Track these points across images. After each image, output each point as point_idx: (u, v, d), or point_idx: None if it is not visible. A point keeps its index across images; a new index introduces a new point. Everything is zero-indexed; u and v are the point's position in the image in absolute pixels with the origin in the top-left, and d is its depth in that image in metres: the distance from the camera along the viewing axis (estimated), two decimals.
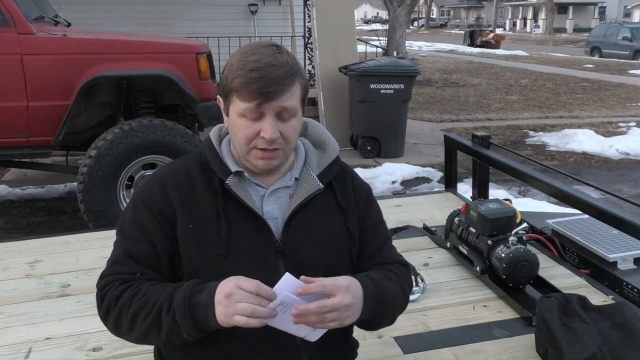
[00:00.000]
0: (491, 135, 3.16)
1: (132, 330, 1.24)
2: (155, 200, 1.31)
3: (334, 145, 1.44)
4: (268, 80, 1.21)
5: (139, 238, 1.30)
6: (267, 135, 1.23)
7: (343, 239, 1.37)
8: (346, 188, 1.41)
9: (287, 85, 1.23)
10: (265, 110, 1.23)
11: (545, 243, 2.54)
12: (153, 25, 8.08)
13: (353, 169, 1.51)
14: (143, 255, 1.29)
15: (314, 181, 1.36)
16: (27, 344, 1.84)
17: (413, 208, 3.12)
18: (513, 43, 33.12)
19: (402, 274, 1.42)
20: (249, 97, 1.22)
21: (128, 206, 1.37)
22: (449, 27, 64.10)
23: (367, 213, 1.43)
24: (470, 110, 10.58)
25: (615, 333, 1.66)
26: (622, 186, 6.16)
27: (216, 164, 1.33)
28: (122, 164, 4.21)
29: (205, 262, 1.27)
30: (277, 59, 1.24)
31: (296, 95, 1.26)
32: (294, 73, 1.25)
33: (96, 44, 4.42)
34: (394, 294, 1.35)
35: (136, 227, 1.31)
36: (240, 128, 1.26)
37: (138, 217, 1.31)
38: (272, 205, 1.33)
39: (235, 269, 1.24)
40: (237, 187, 1.31)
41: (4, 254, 2.57)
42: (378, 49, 12.08)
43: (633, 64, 19.82)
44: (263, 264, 1.28)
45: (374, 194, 1.50)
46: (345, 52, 7.32)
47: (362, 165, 6.48)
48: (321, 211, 1.35)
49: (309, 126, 1.48)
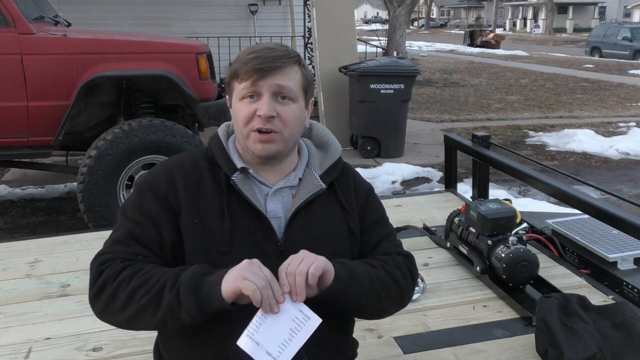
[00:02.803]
0: (491, 135, 3.16)
1: (126, 307, 1.19)
2: (161, 187, 1.30)
3: (336, 146, 1.45)
4: (264, 58, 1.25)
5: (142, 222, 1.28)
6: (262, 112, 1.25)
7: (345, 239, 1.37)
8: (348, 188, 1.42)
9: (282, 64, 1.26)
10: (262, 88, 1.25)
11: (545, 243, 2.54)
12: (153, 25, 8.08)
13: (355, 168, 1.51)
14: (147, 238, 1.27)
15: (316, 181, 1.36)
16: (27, 344, 1.84)
17: (413, 208, 3.12)
18: (513, 43, 33.12)
19: (394, 262, 1.38)
20: (247, 75, 1.26)
21: (132, 193, 1.35)
22: (449, 27, 64.09)
23: (368, 211, 1.44)
24: (470, 110, 10.58)
25: (615, 333, 1.66)
26: (622, 186, 6.16)
27: (222, 160, 1.34)
28: (122, 164, 4.20)
29: (207, 257, 1.26)
30: (277, 46, 1.30)
31: (294, 78, 1.28)
32: (292, 57, 1.29)
33: (96, 44, 4.42)
34: (372, 275, 1.31)
35: (140, 211, 1.29)
36: (239, 110, 1.28)
37: (143, 202, 1.30)
38: (275, 205, 1.33)
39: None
40: (243, 184, 1.31)
41: (4, 254, 2.57)
42: (378, 49, 12.08)
43: (633, 64, 19.81)
44: (264, 263, 1.27)
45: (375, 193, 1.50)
46: (345, 52, 7.32)
47: (362, 165, 6.48)
48: (323, 211, 1.36)
49: (314, 128, 1.48)
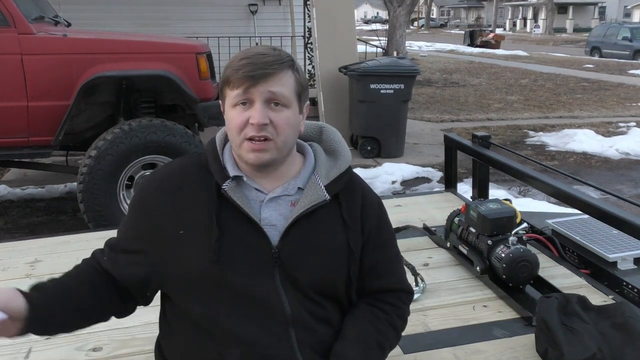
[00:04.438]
0: (491, 135, 3.16)
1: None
2: (149, 202, 1.33)
3: (346, 156, 1.39)
4: (255, 65, 1.23)
5: (127, 234, 1.37)
6: (254, 120, 1.22)
7: (342, 254, 1.33)
8: (354, 203, 1.37)
9: (275, 70, 1.23)
10: (254, 95, 1.23)
11: (545, 243, 2.54)
12: (153, 25, 8.07)
13: (362, 179, 1.46)
14: (122, 246, 1.36)
15: (320, 191, 1.32)
16: (27, 344, 1.84)
17: (413, 208, 3.12)
18: (513, 43, 33.11)
19: (402, 306, 1.42)
20: (238, 83, 1.23)
21: (130, 203, 1.43)
22: (449, 27, 64.08)
23: (380, 232, 1.40)
24: (470, 110, 10.58)
25: (615, 333, 1.66)
26: (622, 186, 6.16)
27: (215, 167, 1.32)
28: (122, 164, 4.20)
29: (197, 269, 1.26)
30: (269, 51, 1.27)
31: (287, 84, 1.25)
32: (285, 62, 1.26)
33: (96, 44, 4.42)
34: (383, 344, 1.35)
35: (128, 227, 1.37)
36: (232, 118, 1.26)
37: (130, 218, 1.37)
38: (270, 212, 1.30)
39: (229, 276, 1.24)
40: (234, 191, 1.29)
41: (4, 254, 2.57)
42: (378, 49, 12.07)
43: (633, 64, 19.81)
44: (257, 271, 1.27)
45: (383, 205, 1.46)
46: (345, 52, 7.31)
47: (362, 165, 6.48)
48: (324, 223, 1.32)
49: (324, 131, 1.44)
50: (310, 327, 1.29)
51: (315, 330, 1.29)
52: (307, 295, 1.29)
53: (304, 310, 1.28)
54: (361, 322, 1.34)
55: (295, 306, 1.27)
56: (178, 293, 1.32)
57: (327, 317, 1.33)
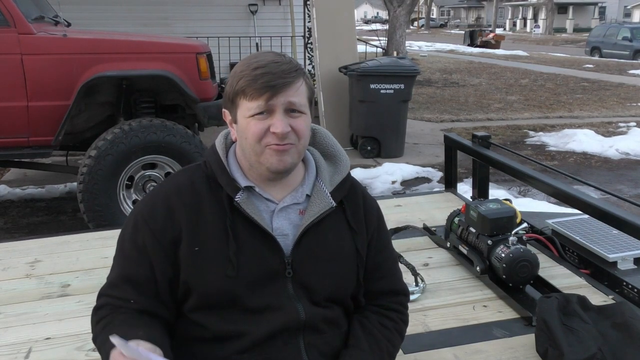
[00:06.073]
0: (491, 135, 3.16)
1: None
2: (158, 220, 1.27)
3: (345, 160, 1.41)
4: (273, 74, 1.22)
5: (138, 259, 1.27)
6: (278, 129, 1.21)
7: (352, 259, 1.35)
8: (357, 207, 1.39)
9: (293, 79, 1.24)
10: (275, 105, 1.22)
11: (545, 243, 2.54)
12: (153, 25, 8.08)
13: (358, 180, 1.49)
14: (140, 278, 1.26)
15: (327, 199, 1.33)
16: (27, 344, 1.84)
17: (413, 208, 3.12)
18: (513, 43, 33.11)
19: (405, 312, 1.46)
20: (257, 93, 1.22)
21: (129, 222, 1.31)
22: (449, 27, 64.09)
23: (380, 234, 1.43)
24: (470, 110, 10.58)
25: (615, 333, 1.66)
26: (622, 186, 6.16)
27: (224, 180, 1.29)
28: (122, 164, 4.20)
29: (213, 284, 1.24)
30: (280, 58, 1.26)
31: (302, 92, 1.26)
32: (298, 70, 1.26)
33: (96, 44, 4.42)
34: (393, 354, 1.39)
35: (135, 246, 1.27)
36: (250, 128, 1.24)
37: (138, 237, 1.28)
38: (282, 222, 1.30)
39: (243, 289, 1.24)
40: (246, 203, 1.27)
41: (4, 254, 2.57)
42: (378, 49, 12.08)
43: (633, 64, 19.81)
44: (271, 282, 1.27)
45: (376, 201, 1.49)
46: (345, 52, 7.32)
47: (362, 165, 6.48)
48: (332, 230, 1.33)
49: (317, 134, 1.44)
50: (320, 330, 1.30)
51: (324, 332, 1.31)
52: (320, 301, 1.31)
53: (317, 316, 1.29)
54: (374, 333, 1.37)
55: (309, 312, 1.28)
56: (193, 305, 1.29)
57: (335, 320, 1.34)
